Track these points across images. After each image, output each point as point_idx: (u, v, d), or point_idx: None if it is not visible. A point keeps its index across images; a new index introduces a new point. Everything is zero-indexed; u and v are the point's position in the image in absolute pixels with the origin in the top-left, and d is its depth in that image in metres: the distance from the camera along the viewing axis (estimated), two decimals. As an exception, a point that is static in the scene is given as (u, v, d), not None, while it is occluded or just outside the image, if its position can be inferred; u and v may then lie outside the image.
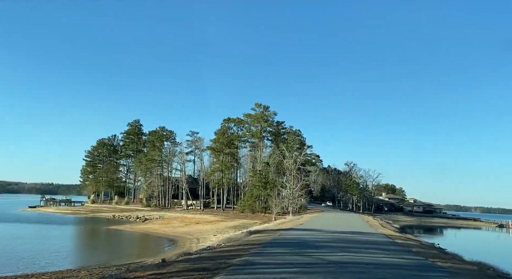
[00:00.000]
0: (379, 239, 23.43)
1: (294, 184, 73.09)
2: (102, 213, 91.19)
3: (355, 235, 24.42)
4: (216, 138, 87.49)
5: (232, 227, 60.61)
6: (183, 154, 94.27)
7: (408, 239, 25.85)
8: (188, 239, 47.98)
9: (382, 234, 27.58)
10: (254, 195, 76.85)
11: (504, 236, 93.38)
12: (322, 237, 22.32)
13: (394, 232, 33.86)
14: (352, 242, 19.90)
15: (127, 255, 34.13)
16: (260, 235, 23.01)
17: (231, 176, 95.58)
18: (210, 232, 55.33)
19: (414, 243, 22.86)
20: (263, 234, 23.90)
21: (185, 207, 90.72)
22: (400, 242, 22.21)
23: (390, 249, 17.82)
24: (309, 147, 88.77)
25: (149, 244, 45.28)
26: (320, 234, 24.40)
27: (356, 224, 39.94)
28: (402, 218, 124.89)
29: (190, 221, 70.22)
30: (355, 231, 28.30)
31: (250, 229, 39.26)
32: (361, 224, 40.80)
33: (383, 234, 28.21)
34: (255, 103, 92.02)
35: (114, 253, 35.93)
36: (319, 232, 25.56)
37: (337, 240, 20.63)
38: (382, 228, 37.58)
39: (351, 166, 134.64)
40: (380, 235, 26.98)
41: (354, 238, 22.18)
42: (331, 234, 24.07)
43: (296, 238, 21.03)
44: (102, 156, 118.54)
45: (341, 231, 27.15)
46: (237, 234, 24.38)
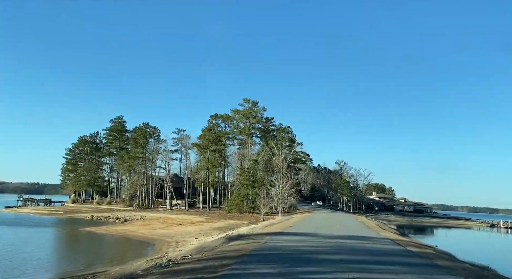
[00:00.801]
0: (388, 246, 18.96)
1: (284, 183, 68.57)
2: (80, 214, 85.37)
3: (357, 242, 19.92)
4: (202, 135, 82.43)
5: (217, 229, 55.77)
6: (168, 151, 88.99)
7: (421, 245, 21.47)
8: (166, 243, 43.04)
9: (388, 239, 23.18)
10: (242, 195, 72.14)
11: (498, 236, 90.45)
12: (319, 245, 17.74)
13: (397, 235, 29.54)
14: (358, 252, 15.35)
15: (89, 264, 29.23)
16: (242, 242, 18.34)
17: (218, 174, 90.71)
18: (192, 234, 50.44)
19: (430, 251, 18.44)
20: (245, 240, 19.23)
21: (169, 207, 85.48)
22: (416, 250, 17.75)
23: (411, 263, 13.30)
24: (299, 144, 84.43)
25: (121, 249, 40.15)
26: (315, 240, 19.81)
27: (352, 225, 35.55)
28: (393, 218, 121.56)
29: (173, 222, 65.18)
30: (355, 236, 23.84)
31: (232, 232, 34.56)
32: (358, 225, 36.43)
33: (388, 238, 23.81)
34: (243, 98, 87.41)
35: (76, 260, 30.95)
36: (313, 238, 20.98)
37: (338, 249, 16.05)
38: (382, 230, 33.25)
39: (341, 165, 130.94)
40: (385, 240, 22.55)
41: (359, 246, 17.66)
42: (328, 241, 19.51)
43: (286, 246, 16.41)
44: (84, 154, 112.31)
45: (340, 236, 22.64)
46: (213, 241, 19.68)
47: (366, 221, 45.67)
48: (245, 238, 20.25)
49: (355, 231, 27.78)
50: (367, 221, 45.99)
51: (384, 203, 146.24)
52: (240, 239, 19.73)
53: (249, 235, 22.68)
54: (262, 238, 19.63)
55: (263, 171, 77.22)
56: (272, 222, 41.26)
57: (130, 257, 34.59)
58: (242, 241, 18.96)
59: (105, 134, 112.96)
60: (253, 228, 40.99)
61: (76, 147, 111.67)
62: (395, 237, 25.05)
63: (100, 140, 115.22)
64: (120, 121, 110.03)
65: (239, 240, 19.38)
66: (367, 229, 31.28)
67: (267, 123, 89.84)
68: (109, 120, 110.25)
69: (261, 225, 40.39)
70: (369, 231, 29.32)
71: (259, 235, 22.32)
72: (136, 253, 36.35)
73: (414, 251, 17.59)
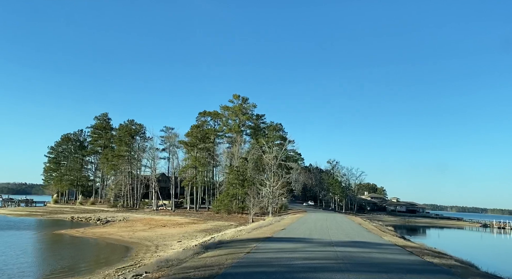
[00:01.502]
0: (402, 256, 15.21)
1: (275, 182, 64.82)
2: (61, 215, 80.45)
3: (362, 250, 16.14)
4: (189, 132, 78.15)
5: (202, 231, 51.71)
6: (154, 149, 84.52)
7: (436, 253, 17.75)
8: (145, 247, 38.88)
9: (395, 245, 19.48)
10: (230, 194, 68.15)
11: (497, 237, 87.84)
12: (316, 256, 13.91)
13: (401, 239, 25.91)
14: (368, 267, 11.55)
15: (50, 273, 25.13)
16: (220, 252, 14.42)
17: (207, 174, 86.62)
18: (175, 237, 46.34)
19: (453, 263, 14.71)
20: (225, 249, 15.33)
21: (155, 207, 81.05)
22: (437, 262, 14.03)
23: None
24: (291, 142, 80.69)
25: (93, 254, 35.82)
26: (312, 249, 15.98)
27: (349, 228, 31.83)
28: (386, 218, 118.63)
29: (157, 224, 60.91)
30: (357, 242, 20.08)
31: (214, 237, 30.65)
32: (355, 228, 32.72)
33: (395, 244, 20.10)
34: (233, 94, 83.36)
35: (35, 267, 26.77)
36: (309, 245, 17.16)
37: (342, 262, 12.23)
38: (383, 233, 29.60)
39: (333, 164, 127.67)
40: (393, 247, 18.83)
41: (367, 257, 13.85)
42: (328, 250, 15.69)
43: (275, 259, 12.53)
44: (67, 152, 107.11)
45: (340, 242, 18.86)
46: (184, 252, 15.70)
47: (363, 223, 42.03)
48: (225, 246, 16.32)
49: (355, 236, 24.03)
50: (363, 223, 42.36)
51: (376, 203, 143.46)
52: (219, 248, 15.81)
53: (231, 241, 18.76)
54: (246, 247, 15.76)
55: (253, 170, 73.38)
56: (262, 224, 37.38)
57: (101, 264, 30.51)
58: (220, 250, 15.04)
59: (90, 132, 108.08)
60: (240, 230, 37.10)
61: (59, 145, 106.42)
62: (402, 243, 21.36)
63: (84, 138, 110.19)
64: (105, 118, 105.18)
65: (217, 249, 15.45)
66: (367, 233, 27.57)
67: (258, 120, 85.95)
68: (94, 117, 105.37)
69: (249, 227, 36.52)
70: (370, 235, 25.61)
71: (243, 241, 18.42)
72: (109, 259, 32.19)
73: (435, 262, 13.87)
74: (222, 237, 26.41)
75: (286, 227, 28.72)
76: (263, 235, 21.32)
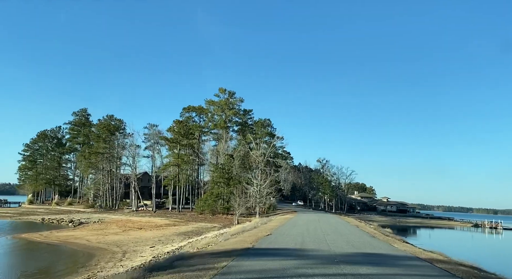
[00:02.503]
0: None
1: (262, 180, 59.59)
2: (32, 216, 73.91)
3: (383, 270, 10.96)
4: (171, 127, 72.31)
5: (181, 234, 46.13)
6: (134, 146, 78.40)
7: (462, 266, 12.73)
8: (110, 254, 33.19)
9: (419, 259, 14.41)
10: (215, 194, 62.62)
11: (491, 237, 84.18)
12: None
13: (416, 248, 20.91)
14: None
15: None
16: (171, 277, 9.15)
17: (191, 172, 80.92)
18: (149, 241, 40.68)
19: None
20: (180, 272, 10.00)
21: (135, 208, 75.03)
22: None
23: None
24: (280, 139, 75.59)
25: (48, 263, 29.88)
26: (308, 269, 10.70)
27: (348, 232, 26.74)
28: (376, 218, 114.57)
29: (133, 226, 55.08)
30: (367, 254, 14.95)
31: (173, 249, 25.29)
32: (355, 232, 27.64)
33: (418, 257, 15.02)
34: (219, 88, 77.73)
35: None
36: (303, 263, 11.91)
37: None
38: (388, 238, 24.60)
39: (323, 163, 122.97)
40: (419, 262, 13.71)
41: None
42: (333, 273, 10.45)
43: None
44: (44, 150, 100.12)
45: (344, 255, 13.69)
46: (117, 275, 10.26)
47: (360, 225, 36.99)
48: (181, 267, 10.99)
49: (359, 243, 18.90)
50: (361, 225, 37.34)
51: (366, 203, 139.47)
52: (171, 270, 10.46)
53: (196, 256, 13.42)
54: (213, 266, 10.49)
55: (240, 168, 67.99)
56: (246, 226, 32.08)
57: (50, 276, 25.01)
58: (173, 274, 9.73)
59: (69, 128, 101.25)
60: (221, 234, 31.79)
61: (34, 143, 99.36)
62: (424, 254, 16.28)
63: (62, 135, 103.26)
64: (84, 114, 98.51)
65: (167, 273, 10.11)
66: (371, 238, 22.48)
67: (245, 116, 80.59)
68: (72, 112, 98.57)
69: (232, 231, 31.21)
70: (376, 242, 20.52)
71: (213, 256, 13.09)
72: (59, 270, 26.61)
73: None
74: (194, 245, 21.08)
75: (273, 232, 23.50)
76: (242, 245, 16.02)
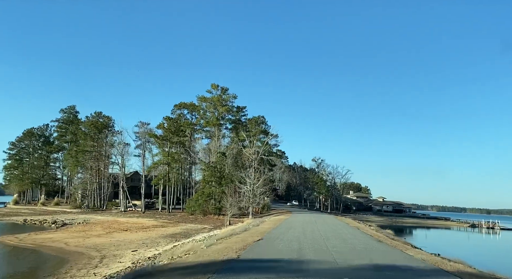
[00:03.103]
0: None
1: (256, 179, 56.51)
2: (15, 217, 70.08)
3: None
4: (161, 124, 68.99)
5: (169, 236, 42.85)
6: (123, 144, 74.80)
7: None
8: (87, 259, 29.78)
9: (441, 270, 11.44)
10: (206, 193, 59.40)
11: (487, 237, 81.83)
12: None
13: (438, 257, 17.98)
14: None
15: None
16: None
17: (183, 171, 77.60)
18: (133, 244, 37.33)
19: None
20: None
21: (123, 208, 71.53)
22: None
23: None
24: (274, 137, 72.52)
25: (15, 270, 26.68)
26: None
27: (350, 236, 23.73)
28: (373, 218, 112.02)
29: (119, 227, 51.68)
30: (381, 266, 11.90)
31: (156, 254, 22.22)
32: (358, 235, 24.63)
33: (442, 269, 12.06)
34: (211, 84, 74.43)
35: None
36: None
37: None
38: (395, 242, 21.66)
39: (318, 162, 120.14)
40: (443, 275, 10.75)
41: None
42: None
43: None
44: (30, 148, 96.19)
45: (354, 270, 10.66)
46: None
47: (361, 227, 33.96)
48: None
49: (366, 251, 15.88)
50: (362, 227, 34.34)
51: (361, 202, 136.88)
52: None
53: (165, 271, 10.32)
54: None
55: (233, 166, 64.85)
56: (235, 229, 28.97)
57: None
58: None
59: (56, 126, 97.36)
60: (209, 237, 28.73)
61: (21, 141, 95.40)
62: (452, 267, 13.28)
63: (50, 133, 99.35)
64: (72, 111, 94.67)
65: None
66: (379, 244, 19.47)
67: (238, 113, 77.38)
68: (59, 110, 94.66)
69: (221, 234, 28.14)
70: (386, 248, 17.53)
71: (187, 271, 10.00)
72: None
73: None
74: (173, 252, 17.99)
75: (264, 236, 20.45)
76: (225, 254, 12.89)
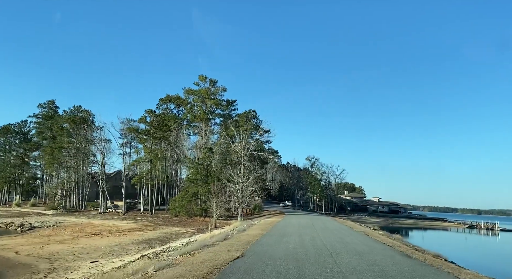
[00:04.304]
0: None
1: (245, 177, 50.63)
2: (-19, 220, 63.34)
3: None
4: (142, 117, 62.77)
5: (143, 242, 36.64)
6: (103, 140, 68.30)
7: None
8: (29, 273, 23.57)
9: None
10: (191, 193, 53.35)
11: (486, 239, 76.88)
12: None
13: (471, 272, 12.17)
14: None
15: None
16: None
17: (169, 170, 71.44)
18: (98, 252, 31.03)
19: None
20: None
21: (102, 210, 65.10)
22: None
23: None
24: (266, 132, 66.74)
25: None
26: None
27: (365, 247, 17.85)
28: (368, 219, 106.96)
29: (90, 231, 45.39)
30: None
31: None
32: (375, 247, 18.79)
33: None
34: (199, 76, 68.38)
35: None
36: None
37: None
38: (424, 254, 16.01)
39: (312, 161, 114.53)
40: None
41: None
42: None
43: None
44: (6, 145, 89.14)
45: None
46: None
47: (371, 233, 28.00)
48: None
49: (389, 267, 10.11)
50: (371, 233, 28.54)
51: (356, 203, 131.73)
52: None
53: None
54: None
55: (221, 163, 58.93)
56: (213, 237, 23.10)
57: None
58: None
59: (35, 122, 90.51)
60: (188, 243, 22.90)
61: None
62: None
63: (28, 130, 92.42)
64: (52, 106, 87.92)
65: None
66: (411, 261, 13.70)
67: (228, 107, 71.45)
68: (37, 104, 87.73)
69: (198, 242, 22.29)
70: (430, 271, 11.77)
71: None
72: None
73: None
74: (122, 273, 12.00)
75: (247, 249, 14.57)
76: None
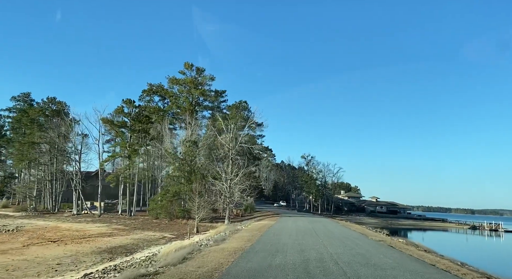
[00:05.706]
0: None
1: (234, 173, 44.08)
2: None
3: None
4: (119, 108, 55.85)
5: (105, 251, 29.56)
6: (76, 135, 61.16)
7: None
8: None
9: None
10: (172, 192, 46.61)
11: (490, 240, 71.12)
12: None
13: None
14: None
15: None
16: None
17: (151, 167, 64.68)
18: (40, 266, 24.03)
19: None
20: None
21: (75, 211, 58.09)
22: None
23: None
24: (260, 126, 60.32)
25: None
26: None
27: (386, 261, 11.44)
28: (366, 219, 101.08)
29: (50, 237, 38.35)
30: None
31: None
32: (400, 261, 12.41)
33: None
34: (185, 63, 61.62)
35: None
36: None
37: None
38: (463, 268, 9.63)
39: (308, 159, 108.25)
40: None
41: None
42: None
43: None
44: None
45: None
46: None
47: (388, 240, 21.80)
48: None
49: None
50: (388, 240, 22.25)
51: (353, 203, 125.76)
52: None
53: None
54: None
55: (208, 159, 52.37)
56: (184, 246, 16.53)
57: None
58: None
59: (8, 116, 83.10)
60: (153, 256, 16.33)
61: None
62: None
63: (1, 125, 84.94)
64: (27, 99, 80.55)
65: None
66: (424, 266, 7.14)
67: (217, 98, 64.83)
68: (11, 97, 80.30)
69: (161, 254, 15.77)
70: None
71: None
72: None
73: None
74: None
75: (224, 271, 7.97)
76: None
